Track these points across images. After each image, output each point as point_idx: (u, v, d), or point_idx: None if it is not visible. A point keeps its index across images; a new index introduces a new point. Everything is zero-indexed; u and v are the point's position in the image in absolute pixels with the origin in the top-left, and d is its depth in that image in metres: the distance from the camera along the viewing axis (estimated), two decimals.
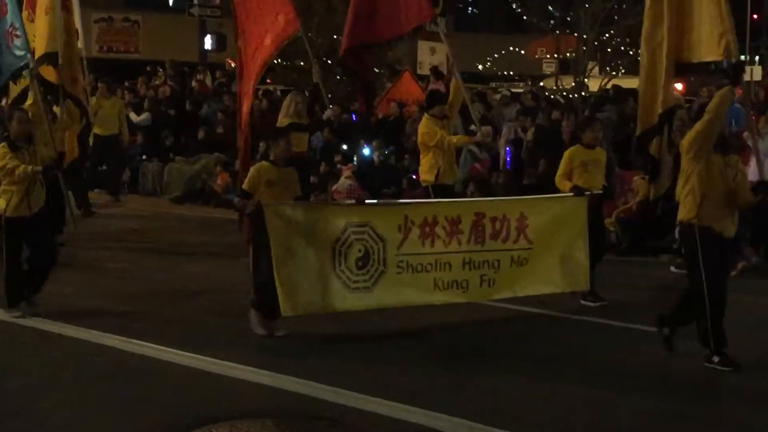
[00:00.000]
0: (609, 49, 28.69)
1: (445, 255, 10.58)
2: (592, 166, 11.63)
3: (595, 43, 27.51)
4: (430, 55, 32.02)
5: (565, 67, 31.05)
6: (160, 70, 28.87)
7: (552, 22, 29.62)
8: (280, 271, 9.68)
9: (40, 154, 10.80)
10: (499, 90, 26.32)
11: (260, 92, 25.29)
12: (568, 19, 29.15)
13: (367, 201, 11.21)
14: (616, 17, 27.33)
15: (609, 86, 26.51)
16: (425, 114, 13.27)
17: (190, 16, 37.93)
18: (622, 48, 28.60)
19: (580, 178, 11.47)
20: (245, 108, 12.43)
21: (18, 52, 13.51)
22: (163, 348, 9.43)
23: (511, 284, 11.04)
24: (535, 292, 11.24)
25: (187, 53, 36.64)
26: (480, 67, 37.76)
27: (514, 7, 31.21)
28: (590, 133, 11.78)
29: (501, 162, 18.21)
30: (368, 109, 17.38)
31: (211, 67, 32.24)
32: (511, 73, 35.54)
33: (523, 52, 35.24)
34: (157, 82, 27.67)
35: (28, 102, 12.56)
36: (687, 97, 23.10)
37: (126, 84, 27.51)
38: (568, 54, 30.48)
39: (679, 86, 21.08)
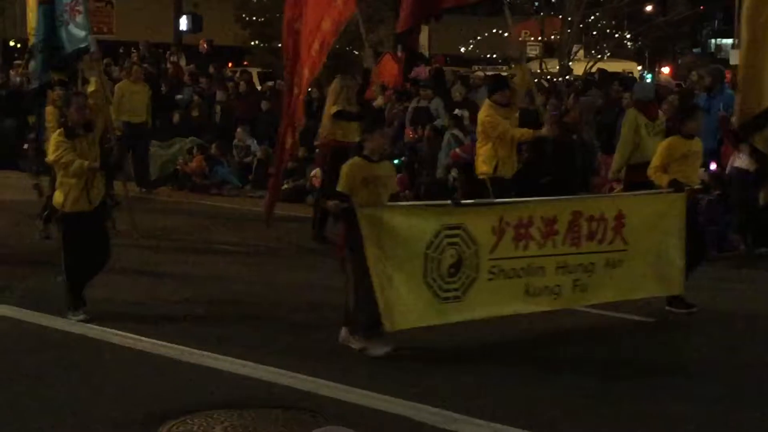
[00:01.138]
0: (594, 32, 28.76)
1: (539, 258, 9.84)
2: (692, 159, 10.97)
3: (581, 25, 27.52)
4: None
5: (549, 51, 31.10)
6: (134, 51, 28.67)
7: (536, 3, 29.70)
8: (379, 283, 8.87)
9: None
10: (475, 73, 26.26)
11: (237, 74, 25.20)
12: (553, 1, 29.21)
13: (462, 201, 10.26)
14: None
15: (594, 70, 26.57)
16: (486, 100, 12.47)
17: None
18: (608, 30, 28.71)
19: (678, 172, 10.67)
20: (300, 96, 12.24)
21: (79, 32, 13.17)
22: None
23: (604, 289, 10.35)
24: (628, 297, 10.58)
25: (161, 34, 36.41)
26: (462, 49, 37.79)
27: None
28: (692, 123, 10.93)
29: None
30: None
31: (186, 48, 32.07)
32: (494, 56, 35.55)
33: (506, 34, 35.22)
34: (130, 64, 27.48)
35: (90, 88, 11.87)
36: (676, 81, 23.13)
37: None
38: (552, 37, 30.53)
39: (666, 70, 21.17)
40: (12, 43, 42.13)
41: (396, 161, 15.80)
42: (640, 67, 42.06)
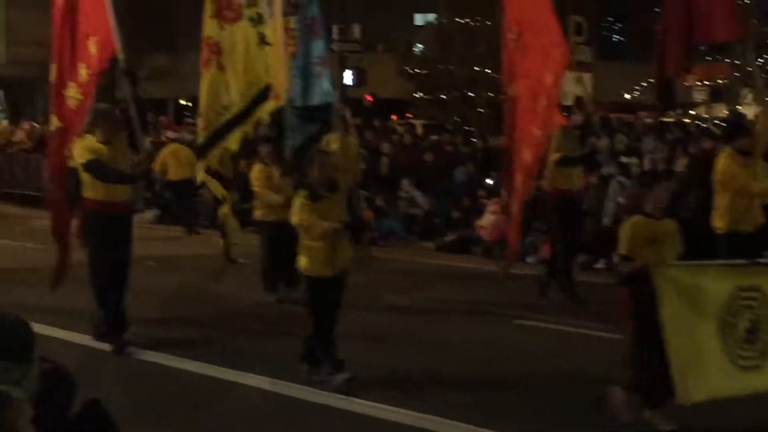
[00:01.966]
0: (765, 75, 28.35)
1: None
2: None
3: (749, 69, 27.24)
4: (575, 85, 32.07)
5: (716, 95, 30.84)
6: None
7: (702, 47, 29.47)
8: (675, 350, 8.13)
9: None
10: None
11: (402, 126, 25.73)
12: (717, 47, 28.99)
13: (759, 260, 9.26)
14: None
15: None
16: (726, 148, 11.45)
17: (330, 52, 38.72)
18: None
19: None
20: (528, 156, 12.29)
21: (324, 86, 12.65)
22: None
23: None
24: None
25: None
26: (627, 96, 37.69)
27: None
28: None
29: None
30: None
31: (350, 102, 32.92)
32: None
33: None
34: None
35: (333, 145, 11.57)
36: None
37: None
38: (719, 81, 30.28)
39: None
40: (183, 102, 43.91)
41: None
42: None
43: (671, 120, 25.50)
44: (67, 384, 4.77)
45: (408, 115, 37.11)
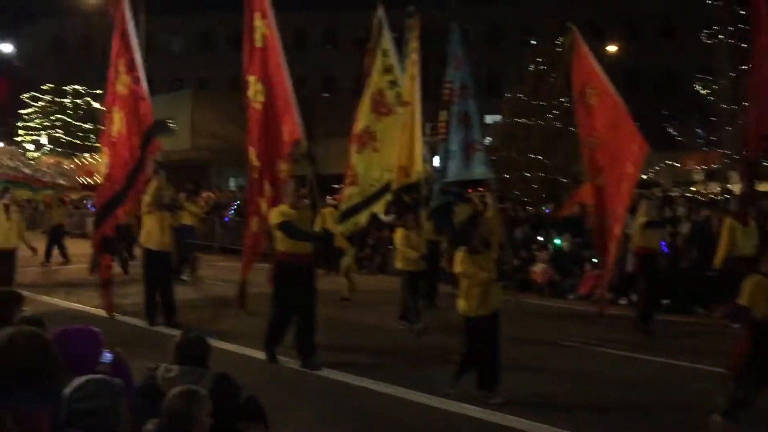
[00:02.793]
0: None
1: None
2: None
3: (736, 156, 27.10)
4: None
5: (710, 176, 30.66)
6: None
7: (700, 141, 29.47)
8: None
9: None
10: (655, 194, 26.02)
11: (477, 197, 25.84)
12: (713, 138, 28.91)
13: None
14: None
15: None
16: None
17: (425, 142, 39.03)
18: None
19: None
20: (617, 230, 12.04)
21: (479, 166, 12.09)
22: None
23: None
24: None
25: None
26: (644, 177, 37.48)
27: (671, 131, 31.18)
28: None
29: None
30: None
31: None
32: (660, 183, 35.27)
33: (678, 164, 34.82)
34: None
35: (488, 214, 10.44)
36: None
37: None
38: (713, 165, 30.11)
39: None
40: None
41: None
42: None
43: (676, 194, 25.43)
44: (233, 386, 4.91)
45: (480, 189, 37.23)
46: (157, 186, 12.87)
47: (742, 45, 25.94)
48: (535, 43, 36.31)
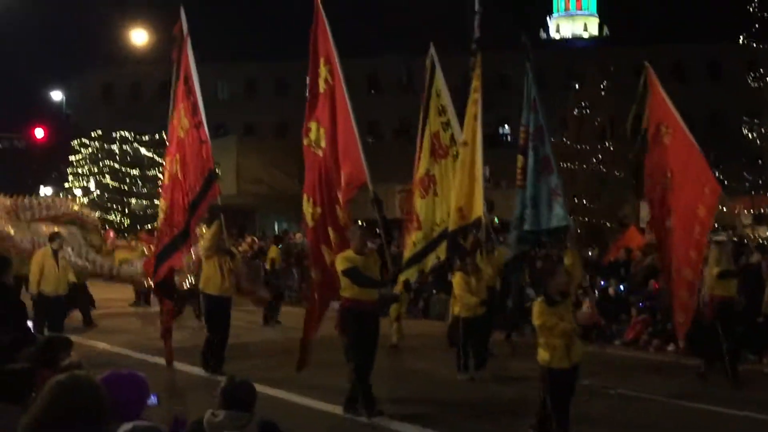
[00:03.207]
0: None
1: None
2: None
3: None
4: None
5: (758, 219, 30.25)
6: None
7: (747, 184, 29.12)
8: None
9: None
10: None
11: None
12: (760, 182, 28.59)
13: None
14: None
15: None
16: None
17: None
18: None
19: None
20: (689, 274, 11.82)
21: (558, 213, 11.79)
22: None
23: None
24: None
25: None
26: None
27: (716, 174, 30.78)
28: None
29: None
30: None
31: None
32: (716, 225, 34.74)
33: (725, 209, 34.35)
34: None
35: (567, 261, 10.24)
36: None
37: None
38: (762, 210, 29.72)
39: None
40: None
41: None
42: None
43: (722, 239, 25.01)
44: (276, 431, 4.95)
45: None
46: (217, 230, 12.70)
47: None
48: (578, 86, 36.27)
